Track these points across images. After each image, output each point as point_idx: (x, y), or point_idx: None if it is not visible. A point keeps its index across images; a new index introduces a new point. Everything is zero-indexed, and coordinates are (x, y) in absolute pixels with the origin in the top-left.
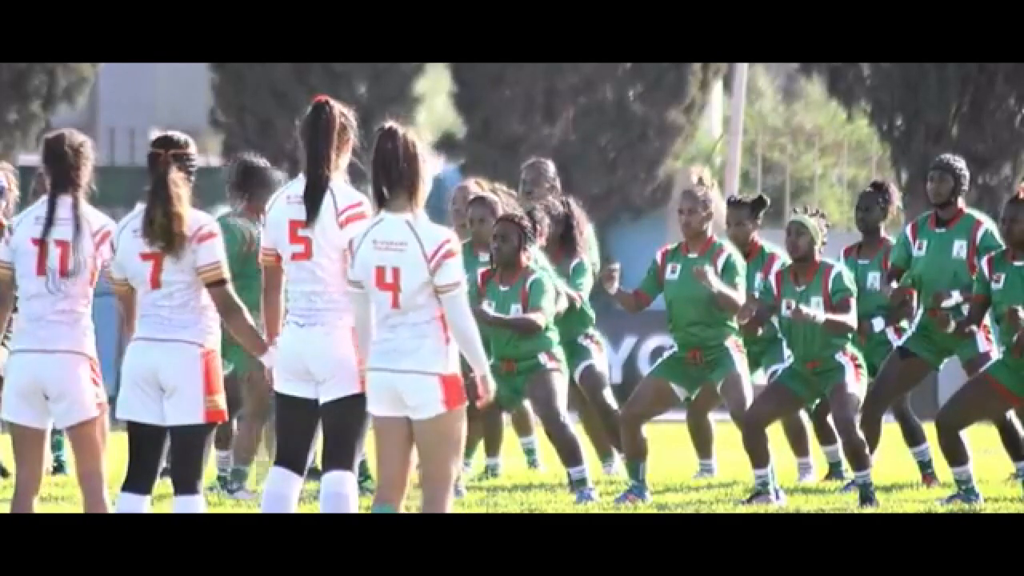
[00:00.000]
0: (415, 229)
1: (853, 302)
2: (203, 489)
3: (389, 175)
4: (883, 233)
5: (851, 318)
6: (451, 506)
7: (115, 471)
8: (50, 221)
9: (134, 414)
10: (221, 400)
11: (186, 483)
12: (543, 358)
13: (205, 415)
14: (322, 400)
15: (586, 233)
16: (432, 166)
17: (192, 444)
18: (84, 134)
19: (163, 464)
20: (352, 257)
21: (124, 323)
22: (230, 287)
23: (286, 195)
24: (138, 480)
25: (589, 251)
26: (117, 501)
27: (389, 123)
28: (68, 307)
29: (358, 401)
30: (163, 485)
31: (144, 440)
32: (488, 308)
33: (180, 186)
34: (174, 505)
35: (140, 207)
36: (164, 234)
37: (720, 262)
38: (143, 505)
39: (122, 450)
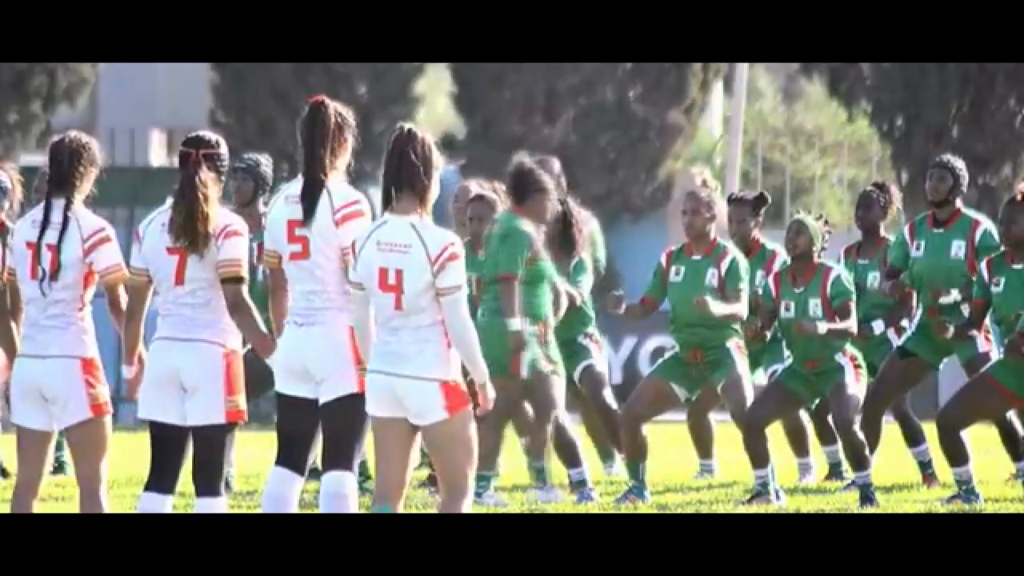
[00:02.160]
0: (420, 231)
1: (853, 306)
2: (223, 490)
3: (399, 176)
4: (883, 233)
5: (851, 323)
6: (469, 508)
7: (136, 472)
8: (44, 224)
9: (156, 414)
10: (242, 400)
11: (207, 485)
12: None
13: (226, 415)
14: (321, 400)
15: (586, 232)
16: (441, 172)
17: (213, 444)
18: (88, 136)
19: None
20: (355, 258)
21: (124, 317)
22: (244, 287)
23: (284, 195)
24: (160, 480)
25: (593, 248)
26: (139, 500)
27: (408, 125)
28: (59, 311)
29: (357, 401)
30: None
31: (166, 440)
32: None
33: (209, 186)
34: (196, 507)
35: (171, 202)
36: (189, 233)
37: (724, 265)
38: (165, 505)
39: (142, 450)
